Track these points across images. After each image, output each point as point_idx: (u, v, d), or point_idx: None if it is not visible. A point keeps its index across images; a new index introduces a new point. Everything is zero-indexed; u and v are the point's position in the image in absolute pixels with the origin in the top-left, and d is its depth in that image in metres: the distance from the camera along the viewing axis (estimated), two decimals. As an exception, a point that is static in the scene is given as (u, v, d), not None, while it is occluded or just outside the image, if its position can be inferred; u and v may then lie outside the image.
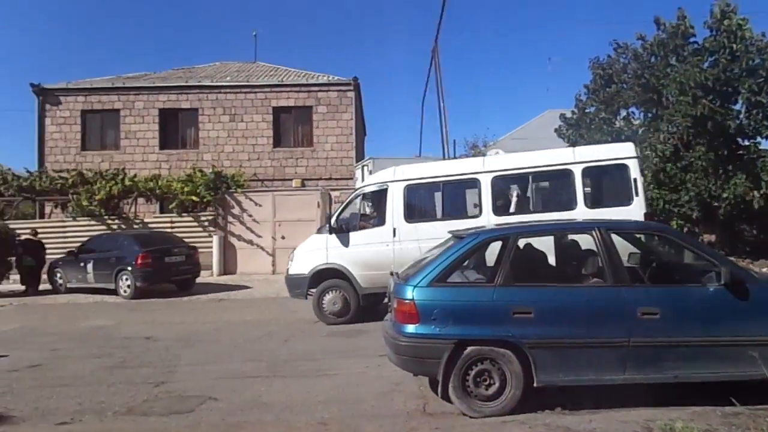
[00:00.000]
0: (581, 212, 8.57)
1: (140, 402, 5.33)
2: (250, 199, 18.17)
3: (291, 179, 21.96)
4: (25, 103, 23.05)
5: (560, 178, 9.07)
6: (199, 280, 15.35)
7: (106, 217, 18.30)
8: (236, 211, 18.21)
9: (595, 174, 9.13)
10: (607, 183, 9.49)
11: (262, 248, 18.06)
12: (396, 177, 9.65)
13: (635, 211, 8.39)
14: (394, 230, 9.33)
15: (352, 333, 8.67)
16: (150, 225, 18.21)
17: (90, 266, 14.29)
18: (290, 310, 11.24)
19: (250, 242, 18.10)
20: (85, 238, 16.00)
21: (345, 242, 9.56)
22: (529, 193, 9.46)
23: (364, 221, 9.95)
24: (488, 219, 8.91)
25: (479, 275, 5.30)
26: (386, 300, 5.99)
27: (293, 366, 6.62)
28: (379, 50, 69.42)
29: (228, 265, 18.11)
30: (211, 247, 17.69)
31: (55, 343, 8.50)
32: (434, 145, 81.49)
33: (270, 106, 22.56)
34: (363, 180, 14.72)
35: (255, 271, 17.81)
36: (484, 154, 14.37)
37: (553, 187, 9.66)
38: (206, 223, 18.25)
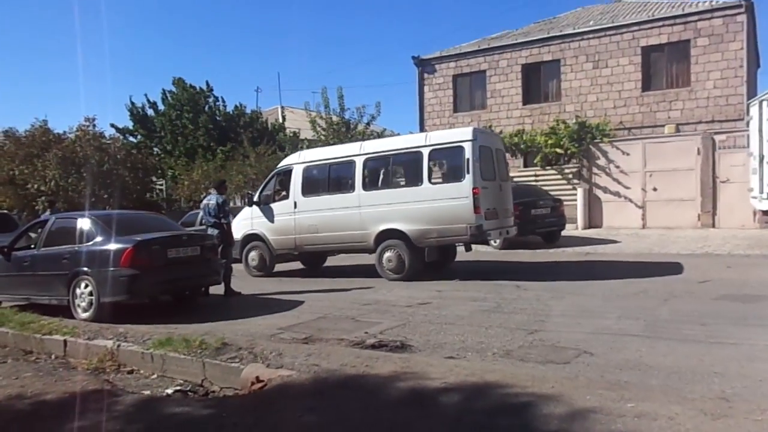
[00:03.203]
0: (426, 187, 9.98)
1: (516, 347, 5.48)
2: (617, 149, 17.14)
3: (663, 125, 19.65)
4: (409, 75, 26.20)
5: (414, 158, 10.27)
6: (563, 233, 15.25)
7: (476, 172, 19.67)
8: (602, 162, 17.41)
9: (440, 155, 10.35)
10: (447, 163, 10.48)
11: (630, 200, 16.95)
12: (299, 160, 11.73)
13: (466, 186, 9.54)
14: (295, 203, 11.26)
15: (748, 298, 7.36)
16: (515, 179, 18.83)
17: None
18: (666, 268, 10.22)
19: (617, 194, 17.15)
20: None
21: (263, 213, 11.67)
22: (390, 172, 10.82)
23: (277, 196, 11.75)
24: (359, 193, 10.62)
25: None
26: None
27: (676, 328, 5.93)
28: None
29: (593, 218, 17.54)
30: (575, 200, 17.37)
31: (439, 285, 9.52)
32: None
33: (638, 47, 20.47)
34: (761, 119, 12.22)
35: (622, 225, 16.84)
36: None
37: (409, 167, 10.61)
38: (570, 176, 17.99)
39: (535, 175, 18.54)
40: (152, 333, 6.84)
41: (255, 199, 11.99)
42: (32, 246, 9.05)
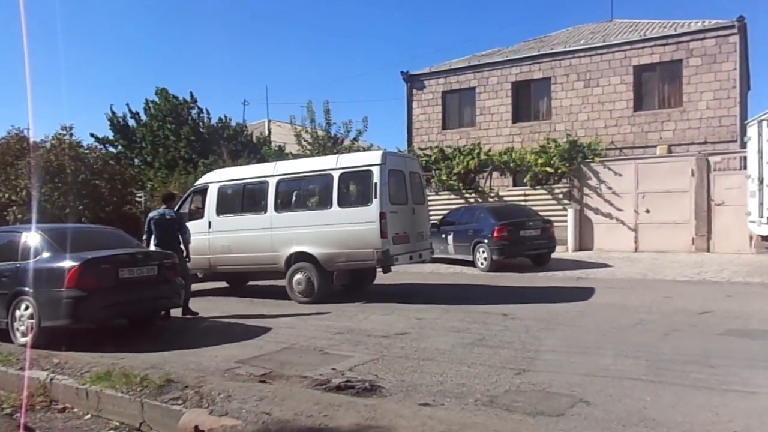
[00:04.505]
0: (335, 211, 9.89)
1: (502, 392, 4.76)
2: (609, 169, 16.60)
3: (654, 146, 19.21)
4: (398, 91, 25.68)
5: (325, 181, 10.19)
6: (553, 255, 14.62)
7: (463, 190, 19.07)
8: (593, 182, 16.85)
9: (349, 178, 10.19)
10: (356, 186, 10.33)
11: (622, 223, 16.38)
12: (214, 179, 11.61)
13: (373, 211, 9.49)
14: (210, 222, 11.01)
15: (757, 334, 6.71)
16: (504, 198, 18.26)
17: (450, 238, 14.93)
18: (663, 295, 9.62)
19: (609, 216, 16.58)
20: (446, 211, 16.88)
21: None
22: (302, 194, 10.84)
23: (195, 214, 11.49)
24: (270, 215, 10.49)
25: None
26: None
27: (683, 371, 5.23)
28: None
29: (584, 240, 16.95)
30: (565, 221, 16.77)
31: (420, 312, 8.79)
32: None
33: (630, 66, 20.10)
34: (761, 140, 11.70)
35: (614, 247, 16.25)
36: None
37: (320, 189, 10.51)
38: (560, 196, 17.41)
39: (525, 195, 17.94)
40: (94, 364, 6.07)
41: None
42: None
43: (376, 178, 9.58)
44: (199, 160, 24.81)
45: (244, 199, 11.18)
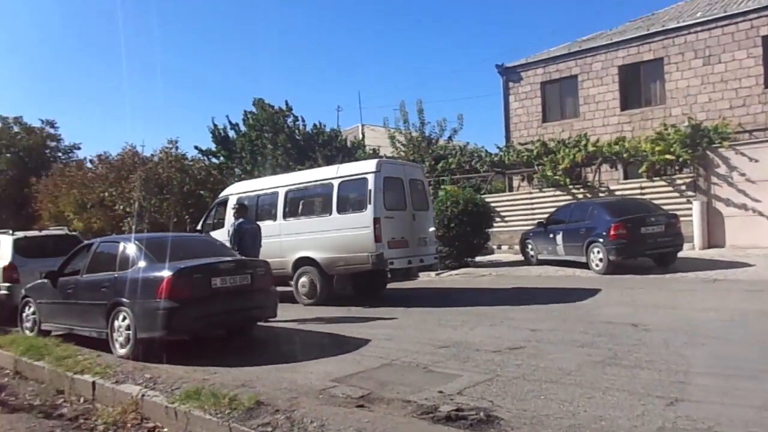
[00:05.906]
0: (335, 217, 10.59)
1: (654, 430, 3.81)
2: (742, 154, 14.63)
3: (792, 126, 16.91)
4: (495, 86, 24.49)
5: (326, 189, 10.94)
6: (679, 254, 13.01)
7: (570, 186, 17.67)
8: (722, 170, 14.94)
9: (347, 186, 10.74)
10: (353, 193, 10.71)
11: (760, 214, 14.37)
12: (234, 191, 12.64)
13: (368, 216, 10.04)
14: (229, 231, 10.48)
15: None
16: (616, 192, 16.68)
17: (559, 238, 13.72)
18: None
19: (744, 207, 14.62)
20: (551, 209, 15.64)
21: None
22: (307, 202, 11.45)
23: (216, 225, 12.34)
24: (280, 222, 11.29)
25: None
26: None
27: None
28: None
29: (713, 236, 15.06)
30: (690, 215, 14.96)
31: (533, 321, 7.84)
32: None
33: (757, 37, 17.83)
34: None
35: (752, 243, 14.26)
36: None
37: (322, 197, 11.10)
38: (683, 187, 15.60)
39: (641, 188, 16.22)
40: (186, 379, 5.76)
41: (198, 227, 12.86)
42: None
43: (370, 185, 10.07)
44: (296, 166, 25.01)
45: (258, 209, 11.70)
